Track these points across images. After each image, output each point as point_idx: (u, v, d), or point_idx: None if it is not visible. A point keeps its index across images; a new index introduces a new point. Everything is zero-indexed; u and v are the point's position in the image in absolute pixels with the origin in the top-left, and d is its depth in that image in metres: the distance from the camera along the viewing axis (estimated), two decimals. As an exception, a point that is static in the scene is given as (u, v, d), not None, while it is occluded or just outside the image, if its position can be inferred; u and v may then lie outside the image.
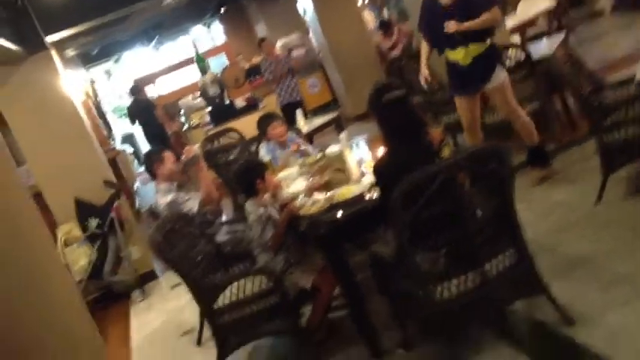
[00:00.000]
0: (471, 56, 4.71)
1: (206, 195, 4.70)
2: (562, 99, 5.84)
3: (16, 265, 3.49)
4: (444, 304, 2.96)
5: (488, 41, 4.72)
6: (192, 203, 4.61)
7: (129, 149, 13.87)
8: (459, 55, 4.74)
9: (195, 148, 4.96)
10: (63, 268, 4.55)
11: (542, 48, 6.28)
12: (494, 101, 4.98)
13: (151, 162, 4.85)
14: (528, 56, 5.40)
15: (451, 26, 4.60)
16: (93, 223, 5.99)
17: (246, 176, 4.02)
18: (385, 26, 11.09)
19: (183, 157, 4.82)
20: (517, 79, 5.53)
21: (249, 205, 3.95)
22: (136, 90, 12.60)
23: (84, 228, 6.03)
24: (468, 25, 4.57)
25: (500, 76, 4.81)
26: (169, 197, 4.64)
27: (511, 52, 5.53)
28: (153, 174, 4.85)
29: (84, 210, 6.09)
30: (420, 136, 3.24)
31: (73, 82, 7.70)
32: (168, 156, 4.83)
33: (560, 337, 3.03)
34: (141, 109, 12.27)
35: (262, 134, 5.70)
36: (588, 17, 11.04)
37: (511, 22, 8.05)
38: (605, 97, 4.33)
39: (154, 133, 12.23)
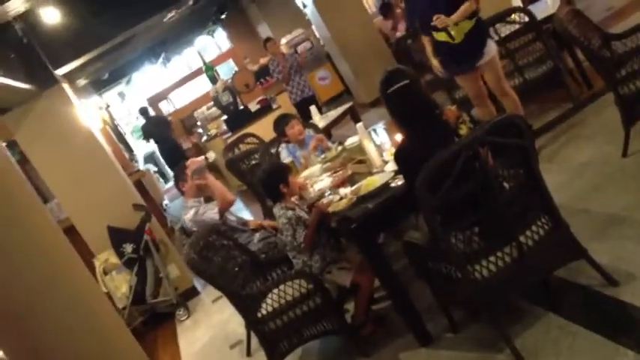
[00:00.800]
0: (463, 32, 4.79)
1: (221, 201, 4.73)
2: (573, 56, 5.76)
3: (59, 301, 3.56)
4: (484, 282, 2.95)
5: (476, 17, 4.81)
6: (211, 213, 4.65)
7: (153, 168, 14.01)
8: (452, 33, 4.81)
9: (198, 160, 4.95)
10: (104, 298, 4.61)
11: (546, 7, 6.21)
12: (486, 78, 5.03)
13: (176, 180, 4.93)
14: (532, 18, 5.32)
15: (441, 21, 4.70)
16: (128, 248, 6.06)
17: (270, 182, 4.04)
18: (385, 8, 11.02)
19: (187, 170, 4.84)
20: (525, 43, 5.48)
21: (278, 210, 3.96)
22: (145, 110, 13.20)
23: (120, 254, 6.09)
24: (454, 18, 4.67)
25: (492, 48, 4.91)
26: (191, 212, 4.69)
27: (514, 16, 5.45)
28: (181, 192, 4.94)
29: (117, 236, 6.16)
30: (434, 118, 3.23)
31: (88, 111, 7.79)
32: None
33: (606, 300, 3.00)
34: (154, 128, 12.70)
35: (280, 136, 5.71)
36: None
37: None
38: (615, 49, 4.27)
39: (169, 149, 12.58)
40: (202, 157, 4.94)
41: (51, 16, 5.85)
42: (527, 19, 5.36)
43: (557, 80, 5.45)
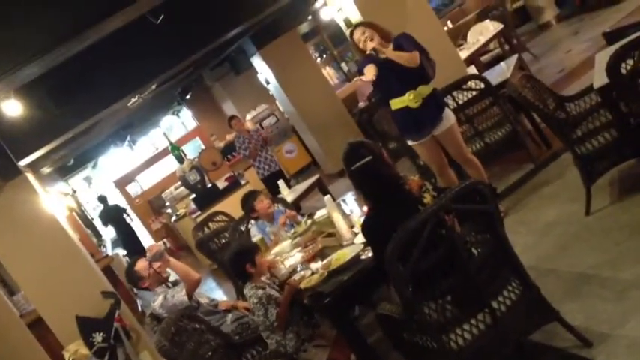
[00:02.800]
0: (422, 97, 4.76)
1: (187, 281, 4.61)
2: (530, 119, 5.92)
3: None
4: (460, 351, 2.92)
5: (432, 85, 4.84)
6: (179, 296, 4.55)
7: (122, 252, 13.82)
8: (410, 97, 4.76)
9: (157, 245, 4.87)
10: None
11: (500, 72, 6.42)
12: (447, 147, 5.03)
13: (135, 284, 4.87)
14: (488, 84, 5.48)
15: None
16: (98, 337, 5.86)
17: (236, 263, 4.02)
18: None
19: (147, 255, 4.74)
20: (483, 108, 5.63)
21: (248, 290, 3.93)
22: (104, 198, 13.81)
23: (90, 344, 5.88)
24: (390, 52, 4.64)
25: (451, 116, 4.92)
26: (160, 298, 4.61)
27: (471, 83, 5.60)
28: (143, 288, 4.86)
29: (86, 326, 5.97)
30: (398, 190, 3.25)
31: (54, 200, 7.70)
32: (142, 265, 4.78)
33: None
34: (110, 215, 13.55)
35: (249, 213, 5.67)
36: (538, 30, 11.33)
37: (464, 53, 8.22)
38: (570, 110, 4.41)
39: (124, 235, 13.11)
40: (161, 241, 4.86)
41: (13, 109, 5.82)
42: (482, 85, 5.51)
43: (516, 142, 5.57)
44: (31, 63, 4.79)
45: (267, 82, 11.23)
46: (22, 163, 6.51)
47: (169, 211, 12.25)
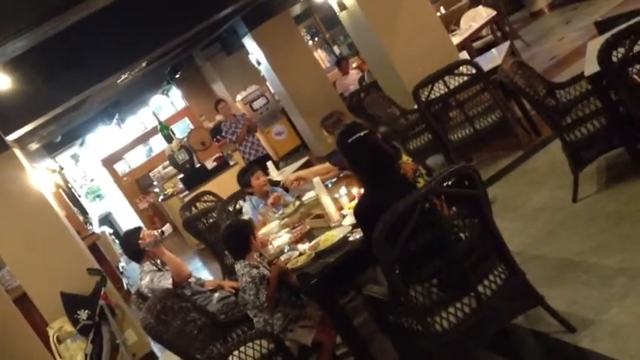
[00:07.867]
0: None
1: (176, 275, 4.59)
2: (520, 105, 5.93)
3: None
4: (445, 334, 2.93)
5: None
6: (166, 283, 4.51)
7: (108, 230, 13.76)
8: None
9: (153, 233, 4.79)
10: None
11: (492, 58, 6.42)
12: None
13: (128, 249, 4.83)
14: (479, 70, 5.47)
15: None
16: (83, 314, 5.85)
17: (237, 237, 3.96)
18: (339, 63, 11.22)
19: (141, 242, 4.66)
20: (473, 94, 5.63)
21: (241, 267, 3.89)
22: None
23: (75, 321, 5.86)
24: None
25: None
26: (147, 278, 4.58)
27: (462, 68, 5.60)
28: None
29: (71, 303, 5.95)
30: (394, 172, 3.23)
31: (40, 176, 7.64)
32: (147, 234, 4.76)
33: (565, 347, 3.01)
34: None
35: (245, 187, 5.58)
36: (530, 18, 11.34)
37: (457, 38, 8.21)
38: (560, 97, 4.41)
39: None
40: (157, 230, 4.77)
41: (1, 83, 5.76)
42: (474, 70, 5.51)
43: (506, 129, 5.59)
44: (20, 37, 4.73)
45: (259, 63, 11.17)
46: (10, 137, 6.46)
47: (157, 190, 12.21)
